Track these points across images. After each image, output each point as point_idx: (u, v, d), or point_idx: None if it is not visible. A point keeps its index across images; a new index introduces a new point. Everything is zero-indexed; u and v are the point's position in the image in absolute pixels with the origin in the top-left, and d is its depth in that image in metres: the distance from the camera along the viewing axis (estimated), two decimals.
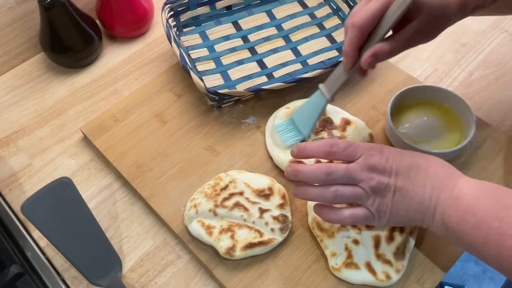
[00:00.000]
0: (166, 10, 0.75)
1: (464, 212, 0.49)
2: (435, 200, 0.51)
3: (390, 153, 0.54)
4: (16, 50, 0.79)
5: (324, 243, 0.59)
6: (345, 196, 0.52)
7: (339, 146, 0.53)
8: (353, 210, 0.53)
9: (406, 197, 0.52)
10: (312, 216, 0.61)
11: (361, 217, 0.53)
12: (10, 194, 0.66)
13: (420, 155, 0.55)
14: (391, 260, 0.57)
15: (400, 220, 0.53)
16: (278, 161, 0.65)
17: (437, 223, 0.51)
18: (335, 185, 0.53)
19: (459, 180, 0.52)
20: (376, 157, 0.53)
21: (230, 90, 0.67)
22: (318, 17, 0.83)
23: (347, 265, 0.57)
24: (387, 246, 0.57)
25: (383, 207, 0.52)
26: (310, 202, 0.62)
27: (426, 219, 0.52)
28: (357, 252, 0.57)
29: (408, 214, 0.52)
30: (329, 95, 0.59)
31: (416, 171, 0.52)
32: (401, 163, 0.53)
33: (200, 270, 0.60)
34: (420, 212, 0.52)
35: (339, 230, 0.59)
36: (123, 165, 0.67)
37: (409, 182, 0.52)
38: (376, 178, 0.52)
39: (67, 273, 0.60)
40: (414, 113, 0.69)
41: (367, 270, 0.56)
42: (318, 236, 0.59)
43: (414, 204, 0.52)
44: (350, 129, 0.67)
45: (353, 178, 0.52)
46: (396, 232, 0.58)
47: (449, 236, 0.51)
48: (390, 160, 0.53)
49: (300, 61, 0.77)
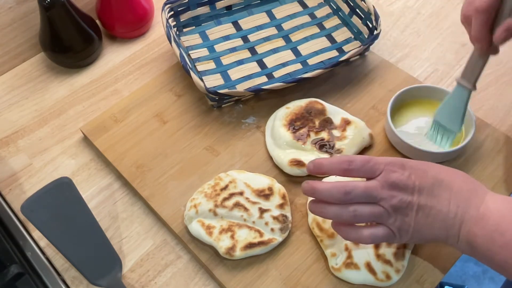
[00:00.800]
0: (166, 10, 0.75)
1: (491, 231, 0.47)
2: (460, 218, 0.49)
3: (412, 169, 0.51)
4: (16, 50, 0.79)
5: (324, 243, 0.59)
6: (364, 216, 0.50)
7: (357, 163, 0.50)
8: (373, 230, 0.51)
9: (429, 216, 0.50)
10: (312, 216, 0.61)
11: (381, 237, 0.51)
12: (10, 194, 0.66)
13: (443, 169, 0.52)
14: (391, 260, 0.57)
15: (423, 238, 0.51)
16: (278, 161, 0.65)
17: (462, 241, 0.49)
18: (354, 205, 0.50)
19: (484, 196, 0.50)
20: (397, 174, 0.50)
21: (230, 90, 0.67)
22: (318, 17, 0.83)
23: (347, 265, 0.57)
24: (387, 247, 0.57)
25: (405, 226, 0.50)
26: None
27: (451, 238, 0.50)
28: (357, 252, 0.57)
29: (431, 232, 0.50)
30: (471, 84, 0.59)
31: (439, 187, 0.50)
32: (423, 178, 0.50)
33: (200, 270, 0.60)
34: (444, 230, 0.50)
35: None
36: (123, 165, 0.67)
37: (432, 199, 0.50)
38: (397, 197, 0.49)
39: (67, 273, 0.60)
40: (414, 113, 0.69)
41: (367, 270, 0.56)
42: (318, 236, 0.59)
43: (437, 223, 0.50)
44: (350, 129, 0.67)
45: (372, 196, 0.49)
46: None
47: (476, 255, 0.49)
48: (413, 177, 0.50)
49: (300, 61, 0.77)
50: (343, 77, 0.75)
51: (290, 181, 0.65)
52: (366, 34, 0.77)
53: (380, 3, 0.87)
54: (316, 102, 0.69)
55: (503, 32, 0.52)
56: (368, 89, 0.74)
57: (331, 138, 0.66)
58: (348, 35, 0.80)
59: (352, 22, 0.80)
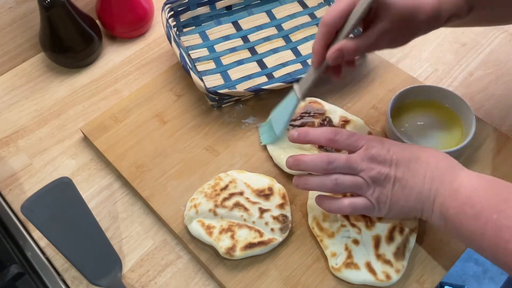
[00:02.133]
0: (166, 10, 0.75)
1: (462, 203, 0.49)
2: (434, 191, 0.51)
3: (391, 145, 0.54)
4: (16, 50, 0.79)
5: (324, 243, 0.59)
6: (345, 185, 0.53)
7: (342, 134, 0.54)
8: (352, 199, 0.54)
9: (405, 188, 0.52)
10: (312, 216, 0.61)
11: (360, 207, 0.54)
12: (10, 194, 0.66)
13: (421, 148, 0.56)
14: (391, 260, 0.57)
15: (400, 211, 0.54)
16: (278, 161, 0.65)
17: (436, 214, 0.52)
18: (336, 174, 0.53)
19: (459, 172, 0.52)
20: (377, 148, 0.54)
21: (230, 90, 0.67)
22: (318, 17, 0.83)
23: (347, 265, 0.57)
24: (387, 246, 0.57)
25: (383, 197, 0.53)
26: (310, 202, 0.62)
27: (425, 210, 0.53)
28: (357, 252, 0.57)
29: (407, 205, 0.53)
30: (300, 94, 0.60)
31: (416, 162, 0.53)
32: (402, 154, 0.54)
33: (200, 270, 0.60)
34: (419, 202, 0.52)
35: (339, 230, 0.59)
36: (123, 165, 0.67)
37: (409, 173, 0.53)
38: (376, 169, 0.53)
39: (67, 273, 0.60)
40: (414, 113, 0.69)
41: (367, 270, 0.56)
42: (318, 236, 0.59)
43: (413, 195, 0.52)
44: (349, 127, 0.67)
45: (353, 168, 0.53)
46: (396, 232, 0.58)
47: (447, 227, 0.51)
48: (391, 152, 0.53)
49: (300, 61, 0.77)
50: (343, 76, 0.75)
51: (290, 181, 0.65)
52: None
53: None
54: (315, 101, 0.70)
55: (335, 52, 0.53)
56: (368, 89, 0.74)
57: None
58: None
59: None
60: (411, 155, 0.54)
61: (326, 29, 0.53)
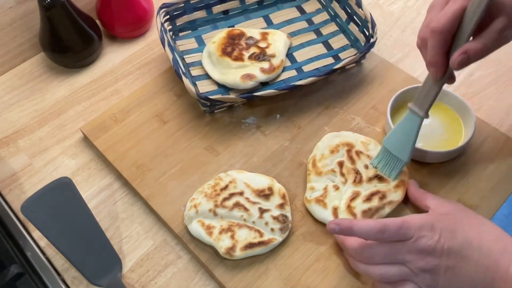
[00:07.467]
0: (161, 14, 0.75)
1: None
2: (489, 280, 0.50)
3: (442, 230, 0.51)
4: (16, 50, 0.79)
5: (310, 177, 0.63)
6: (392, 277, 0.52)
7: (390, 231, 0.51)
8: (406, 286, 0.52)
9: (458, 276, 0.51)
10: (312, 157, 0.65)
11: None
12: (10, 194, 0.66)
13: (473, 226, 0.52)
14: (357, 215, 0.59)
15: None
16: (232, 83, 0.71)
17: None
18: (380, 265, 0.52)
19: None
20: (426, 238, 0.51)
21: (222, 96, 0.67)
22: (315, 23, 0.82)
23: (317, 201, 0.61)
24: (361, 203, 0.60)
25: (433, 283, 0.51)
26: (320, 144, 0.66)
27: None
28: (331, 195, 0.61)
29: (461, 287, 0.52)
30: (423, 112, 0.57)
31: (468, 249, 0.51)
32: (452, 240, 0.51)
33: (200, 270, 0.60)
34: (473, 287, 0.51)
35: (327, 172, 0.63)
36: (123, 165, 0.67)
37: (461, 261, 0.50)
38: (424, 259, 0.51)
39: (67, 273, 0.60)
40: None
41: (331, 213, 0.60)
42: (308, 170, 0.64)
43: (467, 281, 0.51)
44: (271, 37, 0.75)
45: (399, 259, 0.52)
46: (376, 197, 0.60)
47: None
48: (442, 240, 0.51)
49: (295, 68, 0.76)
50: (343, 77, 0.75)
51: (290, 181, 0.65)
52: (363, 42, 0.75)
53: (380, 3, 0.87)
54: (233, 29, 0.77)
55: (459, 56, 0.50)
56: (368, 89, 0.74)
57: (260, 49, 0.74)
58: (344, 42, 0.79)
59: (349, 29, 0.79)
60: (463, 241, 0.51)
61: (441, 36, 0.50)
